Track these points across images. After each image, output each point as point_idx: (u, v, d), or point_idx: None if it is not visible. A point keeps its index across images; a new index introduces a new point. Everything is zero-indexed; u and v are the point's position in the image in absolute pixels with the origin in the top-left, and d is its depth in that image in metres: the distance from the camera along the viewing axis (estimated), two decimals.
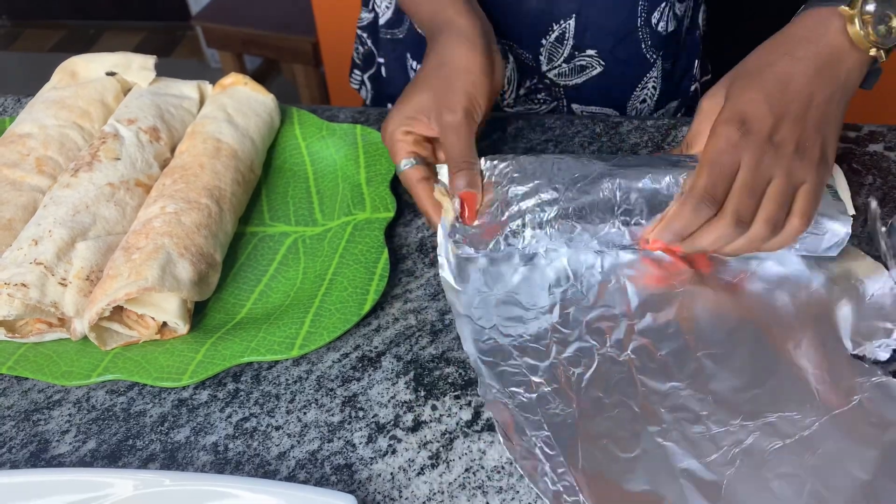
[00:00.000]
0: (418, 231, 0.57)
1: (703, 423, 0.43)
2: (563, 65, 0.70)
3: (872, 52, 0.48)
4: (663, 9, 0.66)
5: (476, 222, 0.51)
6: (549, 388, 0.45)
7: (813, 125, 0.47)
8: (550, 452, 0.42)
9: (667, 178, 0.49)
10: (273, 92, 0.65)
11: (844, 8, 0.48)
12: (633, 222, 0.49)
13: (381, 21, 0.76)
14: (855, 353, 0.46)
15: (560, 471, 0.41)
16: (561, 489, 0.40)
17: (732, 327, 0.48)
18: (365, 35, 0.82)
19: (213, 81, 0.65)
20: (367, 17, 0.80)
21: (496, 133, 0.66)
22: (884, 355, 0.46)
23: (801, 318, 0.48)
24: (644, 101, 0.73)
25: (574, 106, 0.73)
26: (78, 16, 2.92)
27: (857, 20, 0.47)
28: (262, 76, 2.31)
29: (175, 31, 2.86)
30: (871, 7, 0.47)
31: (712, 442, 0.42)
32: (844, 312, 0.48)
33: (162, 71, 0.65)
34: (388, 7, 0.75)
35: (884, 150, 0.61)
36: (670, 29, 0.69)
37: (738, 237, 0.46)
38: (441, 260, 0.51)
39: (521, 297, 0.50)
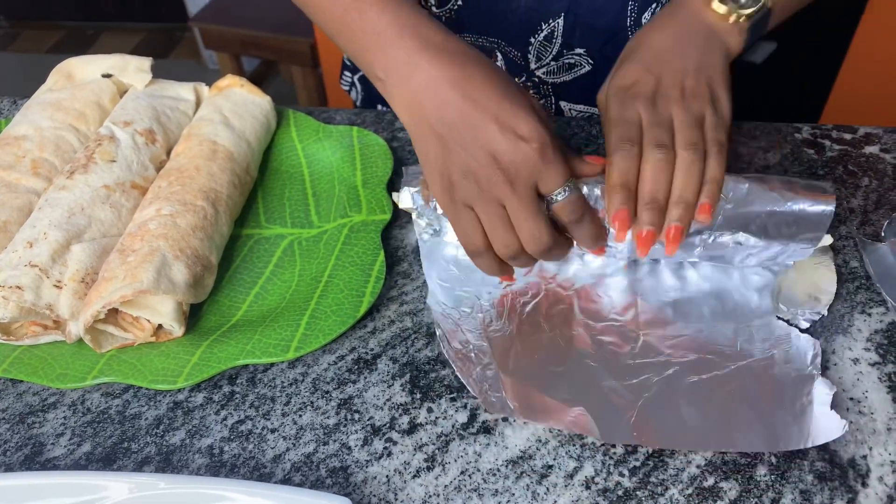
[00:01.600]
0: (414, 233, 0.57)
1: (631, 355, 0.48)
2: (552, 63, 0.69)
3: (732, 18, 0.51)
4: (654, 9, 0.66)
5: None
6: (495, 311, 0.51)
7: (693, 72, 0.50)
8: (484, 359, 0.47)
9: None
10: (271, 93, 0.65)
11: None
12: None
13: None
14: (781, 316, 0.50)
15: (489, 372, 0.47)
16: (487, 385, 0.46)
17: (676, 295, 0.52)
18: None
19: (211, 83, 0.65)
20: None
21: None
22: (804, 324, 0.49)
23: (747, 286, 0.52)
24: None
25: (562, 104, 0.73)
26: (76, 17, 2.92)
27: None
28: (259, 77, 2.31)
29: (173, 33, 2.86)
30: None
31: (635, 370, 0.47)
32: (787, 280, 0.52)
33: (160, 72, 0.65)
34: None
35: (880, 153, 0.62)
36: None
37: (670, 168, 0.46)
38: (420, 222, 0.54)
39: None
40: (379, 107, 0.82)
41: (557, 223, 0.46)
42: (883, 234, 0.54)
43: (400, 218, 0.59)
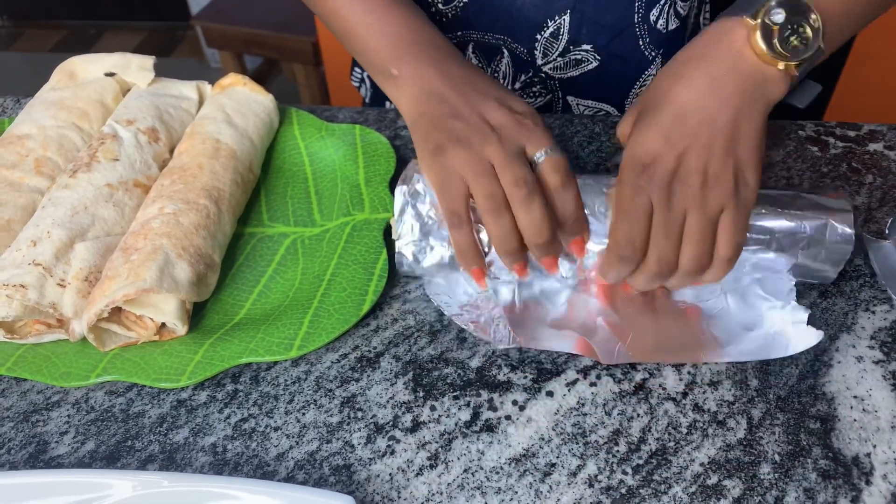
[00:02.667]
0: None
1: (631, 297, 0.51)
2: (558, 59, 0.69)
3: (780, 66, 0.43)
4: (663, 6, 0.66)
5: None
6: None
7: (721, 150, 0.44)
8: (489, 304, 0.51)
9: (597, 201, 0.49)
10: (273, 91, 0.65)
11: (747, 19, 0.44)
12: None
13: None
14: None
15: (496, 312, 0.50)
16: (494, 325, 0.50)
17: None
18: None
19: (214, 81, 0.65)
20: None
21: None
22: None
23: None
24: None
25: (569, 98, 0.73)
26: (79, 16, 2.92)
27: (758, 32, 0.43)
28: (262, 76, 2.31)
29: (175, 31, 2.87)
30: (778, 17, 0.43)
31: (631, 300, 0.51)
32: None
33: (162, 71, 0.65)
34: None
35: (884, 150, 0.61)
36: (671, 27, 0.68)
37: (668, 277, 0.46)
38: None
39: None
40: (387, 104, 0.82)
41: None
42: (887, 231, 0.54)
43: None
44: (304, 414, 0.46)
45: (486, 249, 0.49)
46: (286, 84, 2.31)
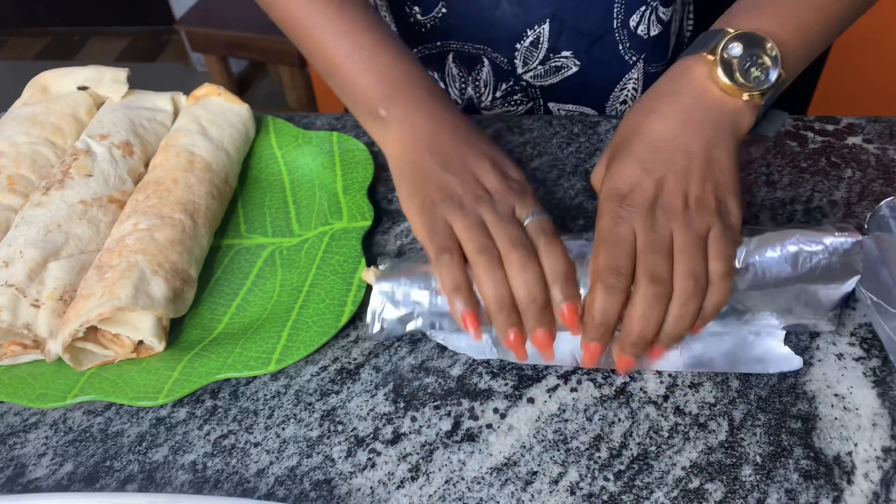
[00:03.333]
0: (397, 239, 0.57)
1: None
2: (539, 66, 0.69)
3: (745, 97, 0.45)
4: (643, 12, 0.66)
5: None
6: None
7: (699, 175, 0.44)
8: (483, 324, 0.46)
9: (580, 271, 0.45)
10: (259, 94, 0.64)
11: (706, 55, 0.45)
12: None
13: None
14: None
15: (486, 335, 0.48)
16: (488, 338, 0.48)
17: None
18: None
19: (200, 85, 0.64)
20: None
21: None
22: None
23: None
24: (624, 101, 0.72)
25: (550, 104, 0.73)
26: (62, 23, 2.90)
27: (718, 66, 0.44)
28: (248, 78, 2.30)
29: (160, 36, 2.85)
30: (735, 51, 0.44)
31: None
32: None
33: (148, 76, 0.65)
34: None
35: (862, 143, 0.61)
36: (653, 33, 0.68)
37: (665, 303, 0.41)
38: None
39: None
40: None
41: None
42: (866, 226, 0.53)
43: (382, 223, 0.58)
44: (283, 429, 0.46)
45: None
46: (272, 86, 2.30)
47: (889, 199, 0.50)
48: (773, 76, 0.45)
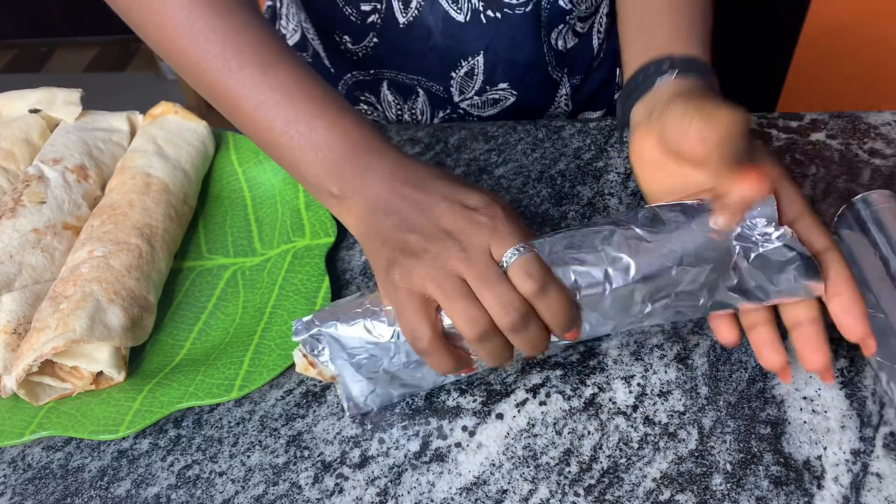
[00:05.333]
0: (362, 254, 0.56)
1: None
2: (476, 97, 0.69)
3: None
4: (561, 29, 0.67)
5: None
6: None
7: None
8: None
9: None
10: None
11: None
12: None
13: (290, 43, 0.74)
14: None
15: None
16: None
17: None
18: None
19: (171, 94, 0.63)
20: None
21: (439, 144, 0.64)
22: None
23: None
24: (557, 116, 0.73)
25: None
26: (28, 34, 2.85)
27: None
28: None
29: (129, 44, 2.81)
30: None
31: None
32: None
33: (119, 85, 0.64)
34: (294, 30, 0.73)
35: (826, 139, 0.61)
36: (569, 45, 0.69)
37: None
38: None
39: None
40: None
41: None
42: (836, 226, 0.53)
43: (346, 239, 0.57)
44: (249, 456, 0.45)
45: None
46: None
47: (861, 195, 0.50)
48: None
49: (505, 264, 0.39)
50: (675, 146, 0.41)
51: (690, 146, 0.40)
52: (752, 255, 0.39)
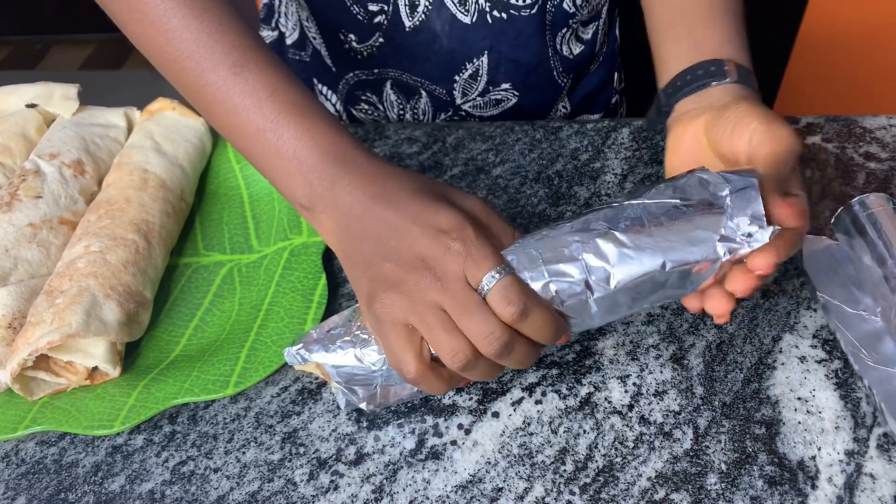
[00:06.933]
0: None
1: None
2: (478, 98, 0.70)
3: None
4: (565, 33, 0.67)
5: None
6: None
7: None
8: None
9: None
10: None
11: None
12: None
13: (288, 42, 0.74)
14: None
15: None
16: None
17: None
18: None
19: (166, 94, 0.62)
20: (270, 35, 0.77)
21: (436, 144, 0.65)
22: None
23: None
24: (556, 119, 0.74)
25: None
26: (23, 31, 2.84)
27: None
28: None
29: (125, 42, 2.79)
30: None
31: None
32: None
33: (115, 83, 0.64)
34: (294, 28, 0.73)
35: (822, 142, 0.61)
36: (576, 52, 0.70)
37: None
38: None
39: None
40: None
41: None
42: (831, 228, 0.53)
43: None
44: (244, 453, 0.45)
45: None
46: None
47: (857, 197, 0.50)
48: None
49: (483, 290, 0.37)
50: (727, 143, 0.43)
51: (741, 148, 0.42)
52: (739, 255, 0.39)
